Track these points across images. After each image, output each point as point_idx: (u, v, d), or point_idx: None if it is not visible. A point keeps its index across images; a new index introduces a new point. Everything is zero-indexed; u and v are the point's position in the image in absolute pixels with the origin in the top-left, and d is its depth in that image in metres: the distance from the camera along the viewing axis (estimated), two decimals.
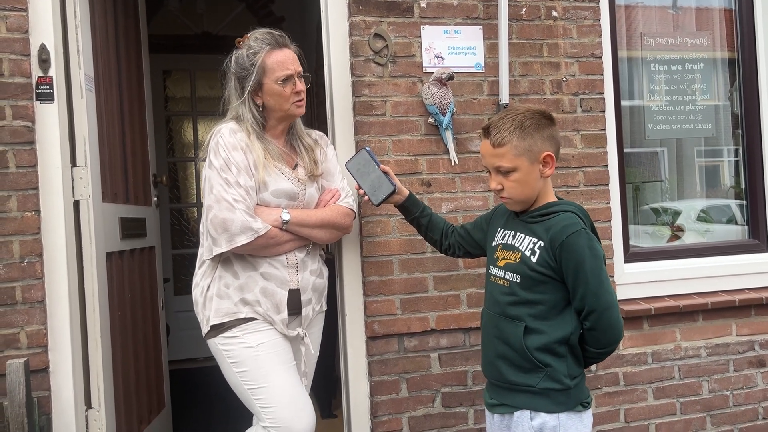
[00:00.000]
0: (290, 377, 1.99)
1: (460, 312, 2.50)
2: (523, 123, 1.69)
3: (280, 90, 2.02)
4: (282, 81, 2.01)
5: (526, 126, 1.68)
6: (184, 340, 4.92)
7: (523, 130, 1.68)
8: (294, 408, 1.94)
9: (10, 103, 2.20)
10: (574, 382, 1.69)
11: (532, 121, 1.69)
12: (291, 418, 1.93)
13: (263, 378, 1.94)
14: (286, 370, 1.98)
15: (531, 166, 1.70)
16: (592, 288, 1.62)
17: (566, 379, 1.68)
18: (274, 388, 1.94)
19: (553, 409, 1.67)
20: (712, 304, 2.76)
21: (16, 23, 2.21)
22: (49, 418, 2.22)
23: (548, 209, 1.73)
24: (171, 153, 5.21)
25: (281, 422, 1.92)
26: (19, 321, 2.20)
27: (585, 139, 2.66)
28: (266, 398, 1.93)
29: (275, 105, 2.05)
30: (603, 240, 2.63)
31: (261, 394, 1.93)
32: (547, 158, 1.70)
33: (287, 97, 2.03)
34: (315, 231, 2.07)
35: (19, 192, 2.20)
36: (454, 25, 2.53)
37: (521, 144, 1.68)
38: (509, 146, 1.69)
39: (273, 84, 2.01)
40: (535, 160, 1.70)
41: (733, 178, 3.34)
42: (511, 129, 1.68)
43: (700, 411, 2.78)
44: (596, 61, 2.69)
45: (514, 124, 1.69)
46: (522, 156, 1.69)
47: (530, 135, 1.68)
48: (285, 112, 2.06)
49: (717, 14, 3.26)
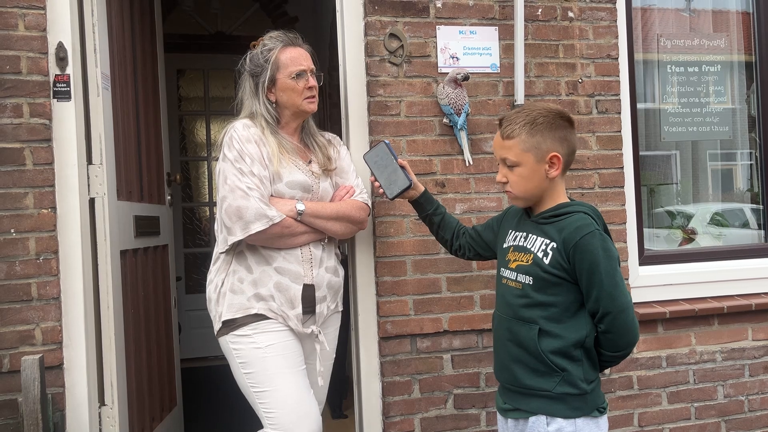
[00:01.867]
0: (297, 381, 1.97)
1: (473, 313, 2.49)
2: (535, 120, 1.67)
3: (293, 85, 2.04)
4: (295, 76, 2.04)
5: (538, 123, 1.67)
6: (196, 338, 4.94)
7: (534, 126, 1.67)
8: (297, 413, 1.92)
9: (28, 101, 2.22)
10: (591, 387, 1.67)
11: (545, 119, 1.68)
12: (292, 423, 1.91)
13: (268, 381, 1.93)
14: (293, 373, 1.97)
15: (537, 164, 1.68)
16: (607, 290, 1.60)
17: (583, 383, 1.65)
18: (278, 392, 1.92)
19: (569, 415, 1.64)
20: (728, 308, 2.73)
21: (34, 21, 2.23)
22: (62, 415, 2.23)
23: (560, 210, 1.71)
24: (184, 152, 5.23)
25: (282, 427, 1.91)
26: (35, 317, 2.21)
27: (600, 140, 2.65)
28: (269, 402, 1.92)
29: (288, 100, 2.07)
30: (618, 242, 2.62)
31: (265, 397, 1.93)
32: (553, 159, 1.68)
33: (300, 92, 2.05)
34: (330, 223, 2.06)
35: (35, 189, 2.22)
36: (469, 26, 2.52)
37: (530, 140, 1.67)
38: (517, 140, 1.68)
39: (286, 79, 2.04)
40: (541, 158, 1.68)
41: (748, 182, 3.31)
42: (522, 123, 1.67)
43: (714, 416, 2.75)
44: (612, 63, 2.67)
45: (526, 119, 1.68)
46: (529, 152, 1.67)
47: (540, 132, 1.67)
48: (297, 107, 2.08)
49: (734, 17, 3.23)
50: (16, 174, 2.20)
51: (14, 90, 2.21)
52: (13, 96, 2.20)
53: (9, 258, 2.19)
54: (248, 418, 3.33)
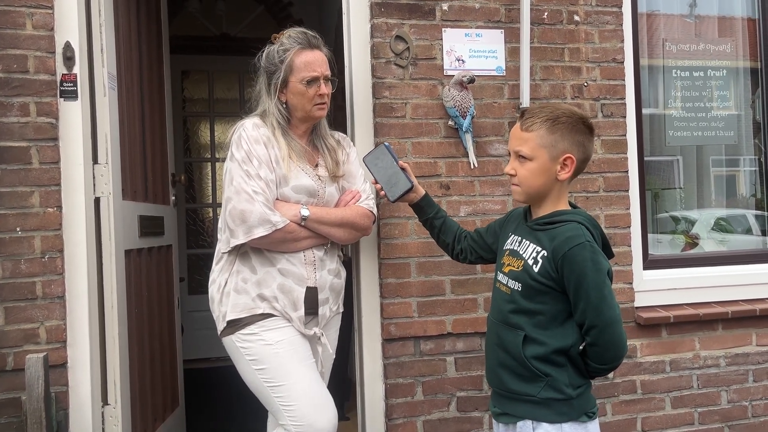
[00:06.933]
0: (310, 374, 1.98)
1: (477, 316, 2.48)
2: (558, 118, 1.67)
3: (303, 90, 2.03)
4: (307, 82, 2.02)
5: (560, 122, 1.66)
6: (198, 339, 4.94)
7: (556, 124, 1.66)
8: (315, 405, 1.93)
9: (35, 100, 2.22)
10: (577, 392, 1.65)
11: (568, 120, 1.67)
12: (313, 415, 1.91)
13: (284, 376, 1.93)
14: (306, 367, 1.97)
15: (549, 162, 1.67)
16: (594, 303, 1.58)
17: (568, 388, 1.64)
18: (295, 386, 1.92)
19: (555, 420, 1.63)
20: (733, 313, 2.73)
21: (41, 21, 2.23)
22: (66, 413, 2.23)
23: (555, 217, 1.69)
24: (188, 153, 5.24)
25: (303, 419, 1.90)
26: (39, 316, 2.21)
27: (605, 144, 2.65)
28: (287, 396, 1.92)
29: (297, 104, 2.06)
30: (622, 246, 2.62)
31: (281, 392, 1.92)
32: (567, 160, 1.67)
33: (310, 98, 2.04)
34: (333, 229, 2.06)
35: (41, 188, 2.22)
36: (475, 29, 2.52)
37: (548, 137, 1.66)
38: (536, 134, 1.67)
39: (297, 83, 2.03)
40: (555, 157, 1.67)
41: (753, 187, 3.31)
42: (544, 119, 1.67)
43: (718, 421, 2.74)
44: (618, 66, 2.67)
45: (549, 116, 1.67)
46: (544, 148, 1.67)
47: (560, 131, 1.66)
48: (306, 113, 2.07)
49: (739, 23, 3.23)
50: (23, 173, 2.21)
51: (21, 89, 2.21)
52: (20, 95, 2.21)
53: (14, 256, 2.19)
54: (250, 419, 3.33)
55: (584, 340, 1.64)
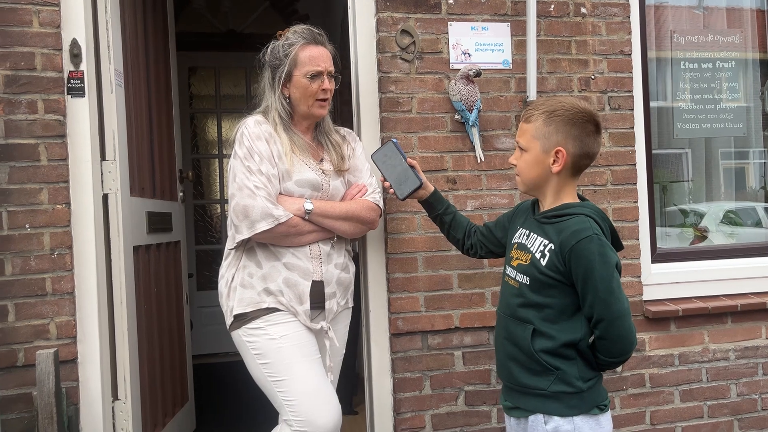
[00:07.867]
0: (314, 370, 1.98)
1: (484, 310, 2.48)
2: (555, 111, 1.66)
3: (307, 84, 2.03)
4: (311, 76, 2.03)
5: (556, 114, 1.66)
6: (207, 335, 4.96)
7: (551, 116, 1.66)
8: (317, 401, 1.93)
9: (42, 97, 2.23)
10: (588, 385, 1.65)
11: (565, 113, 1.66)
12: (313, 411, 1.92)
13: (286, 370, 1.94)
14: (310, 362, 1.98)
15: (542, 154, 1.68)
16: (602, 296, 1.57)
17: (578, 381, 1.63)
18: (296, 381, 1.93)
19: (566, 413, 1.63)
20: (742, 306, 2.71)
21: (48, 18, 2.24)
22: (77, 409, 2.25)
23: (563, 210, 1.68)
24: (195, 150, 5.25)
25: (303, 415, 1.91)
26: (49, 312, 2.23)
27: (613, 137, 2.63)
28: (288, 391, 1.93)
29: (299, 99, 2.07)
30: (630, 240, 2.61)
31: (283, 386, 1.93)
32: (558, 153, 1.66)
33: (312, 93, 2.05)
34: (338, 223, 2.06)
35: (50, 185, 2.23)
36: (481, 22, 2.51)
37: (542, 129, 1.67)
38: (533, 126, 1.68)
39: (301, 78, 2.03)
40: (547, 150, 1.67)
41: (763, 179, 3.29)
42: (541, 111, 1.68)
43: (727, 414, 2.73)
44: (625, 59, 2.66)
45: (547, 108, 1.67)
46: (537, 140, 1.68)
47: (555, 124, 1.66)
48: (307, 108, 2.08)
49: (748, 14, 3.21)
50: (31, 170, 2.22)
51: (29, 86, 2.22)
52: (27, 92, 2.22)
53: (24, 253, 2.21)
54: (259, 414, 3.35)
55: (593, 334, 1.64)
